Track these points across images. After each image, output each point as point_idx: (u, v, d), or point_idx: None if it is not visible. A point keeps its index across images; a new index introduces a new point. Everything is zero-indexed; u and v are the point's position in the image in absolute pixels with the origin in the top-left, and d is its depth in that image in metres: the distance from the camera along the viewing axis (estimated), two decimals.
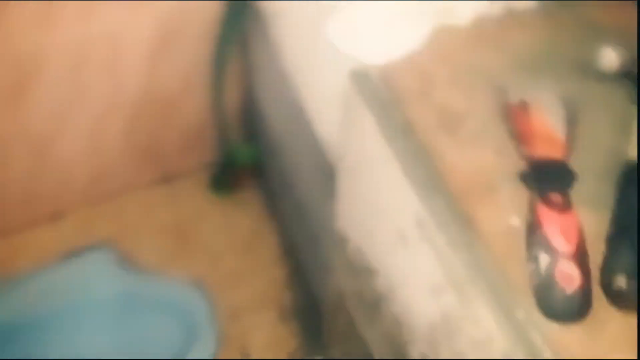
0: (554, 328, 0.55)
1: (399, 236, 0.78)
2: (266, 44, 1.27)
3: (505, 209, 0.62)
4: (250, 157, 1.72)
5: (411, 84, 0.72)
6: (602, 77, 0.66)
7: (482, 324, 0.63)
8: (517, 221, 0.60)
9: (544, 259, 0.54)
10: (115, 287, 1.56)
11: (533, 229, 0.57)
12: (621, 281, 0.53)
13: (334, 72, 0.90)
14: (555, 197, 0.57)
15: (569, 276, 0.52)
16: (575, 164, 0.60)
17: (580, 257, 0.54)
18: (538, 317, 0.56)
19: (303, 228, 1.48)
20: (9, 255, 1.61)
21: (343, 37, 0.75)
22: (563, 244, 0.54)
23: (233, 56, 1.54)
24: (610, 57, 0.68)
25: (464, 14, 0.74)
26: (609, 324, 0.55)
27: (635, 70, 0.63)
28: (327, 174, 1.09)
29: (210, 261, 1.66)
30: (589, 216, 0.57)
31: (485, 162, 0.65)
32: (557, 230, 0.55)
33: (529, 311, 0.57)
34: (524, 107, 0.65)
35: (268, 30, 1.22)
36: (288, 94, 1.21)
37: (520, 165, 0.62)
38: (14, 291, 1.54)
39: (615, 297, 0.53)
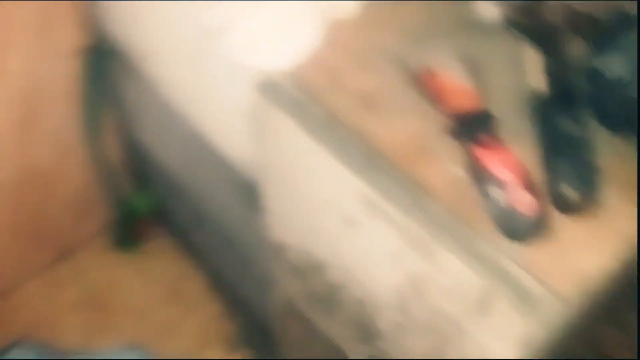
0: (519, 250, 0.61)
1: (346, 223, 0.81)
2: (143, 85, 1.25)
3: (445, 163, 0.67)
4: (148, 205, 1.68)
5: (321, 79, 0.76)
6: (487, 28, 0.74)
7: (451, 270, 0.68)
8: (459, 170, 0.66)
9: (496, 193, 0.60)
10: None
11: (477, 171, 0.63)
12: (567, 191, 0.60)
13: (231, 90, 0.92)
14: (486, 138, 0.63)
15: (525, 201, 0.58)
16: (490, 108, 0.67)
17: (528, 182, 0.60)
18: (502, 246, 0.62)
19: (228, 255, 1.47)
20: None
21: (243, 50, 0.77)
22: (509, 175, 0.60)
23: (105, 109, 1.50)
24: (490, 10, 0.76)
25: (349, 5, 0.79)
26: (566, 232, 0.62)
27: (515, 15, 0.71)
28: (245, 192, 1.10)
29: (140, 320, 1.60)
30: (518, 147, 0.64)
31: (412, 128, 0.70)
32: (499, 165, 0.61)
33: (493, 243, 0.63)
34: (430, 72, 0.71)
35: (143, 71, 1.21)
36: (181, 127, 1.20)
37: (444, 122, 0.68)
38: None
39: (565, 207, 0.60)
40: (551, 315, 0.61)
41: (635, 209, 0.63)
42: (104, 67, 1.38)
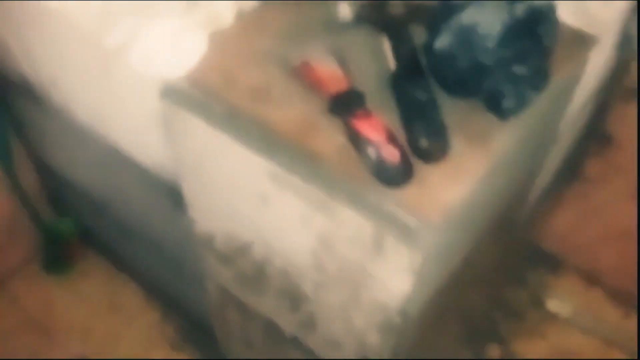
0: (395, 194, 0.76)
1: (259, 200, 0.94)
2: (52, 112, 1.32)
3: (330, 136, 0.81)
4: (71, 227, 1.74)
5: (216, 79, 0.88)
6: (346, 25, 0.89)
7: (349, 222, 0.82)
8: (341, 139, 0.80)
9: (371, 151, 0.75)
10: None
11: (355, 138, 0.77)
12: (424, 143, 0.75)
13: (138, 101, 1.02)
14: (359, 111, 0.78)
15: (392, 153, 0.73)
16: (359, 88, 0.82)
17: (393, 139, 0.75)
18: (382, 193, 0.77)
19: (158, 260, 1.55)
20: None
21: (143, 63, 0.88)
22: (378, 136, 0.75)
23: (14, 140, 1.55)
24: (345, 10, 0.91)
25: (226, 16, 0.92)
26: (428, 175, 0.78)
27: (368, 13, 0.86)
28: (166, 194, 1.20)
29: (82, 336, 1.66)
30: (384, 115, 0.80)
31: (300, 112, 0.84)
32: (371, 130, 0.76)
33: (375, 192, 0.78)
34: (307, 65, 0.85)
35: (50, 99, 1.28)
36: (96, 145, 1.28)
37: (325, 103, 0.82)
38: None
39: (424, 156, 0.76)
40: (428, 241, 0.76)
41: (481, 152, 0.80)
42: (7, 100, 1.44)
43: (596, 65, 1.10)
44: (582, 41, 0.94)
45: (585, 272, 1.87)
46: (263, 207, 0.94)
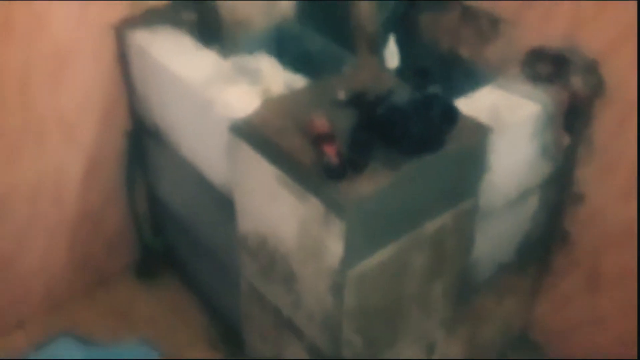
0: (336, 187, 1.33)
1: (271, 197, 1.53)
2: (165, 150, 2.01)
3: (310, 153, 1.40)
4: (162, 245, 2.36)
5: (258, 123, 1.52)
6: (342, 103, 1.51)
7: (313, 206, 1.37)
8: (315, 155, 1.40)
9: (325, 160, 1.33)
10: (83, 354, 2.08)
11: (321, 154, 1.35)
12: (354, 159, 1.32)
13: (215, 134, 1.66)
14: (328, 141, 1.37)
15: (335, 162, 1.31)
16: (335, 131, 1.43)
17: (339, 155, 1.33)
18: (329, 187, 1.34)
19: (213, 270, 2.09)
20: None
21: (223, 111, 1.56)
22: (331, 152, 1.33)
23: (138, 172, 2.23)
24: (341, 94, 1.55)
25: (275, 89, 1.59)
26: (356, 179, 1.33)
27: (353, 97, 1.50)
28: (225, 207, 1.78)
29: (150, 327, 2.22)
30: (343, 144, 1.38)
31: (299, 141, 1.45)
32: (329, 150, 1.33)
33: (328, 186, 1.35)
34: (311, 119, 1.46)
35: (166, 140, 1.98)
36: (187, 172, 1.91)
37: (312, 138, 1.44)
38: None
39: (353, 167, 1.32)
40: (351, 215, 1.31)
41: (388, 171, 1.35)
42: (140, 143, 2.15)
43: (513, 154, 1.63)
44: (480, 128, 1.50)
45: None
46: (273, 204, 1.53)
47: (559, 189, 1.91)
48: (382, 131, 1.36)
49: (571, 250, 2.02)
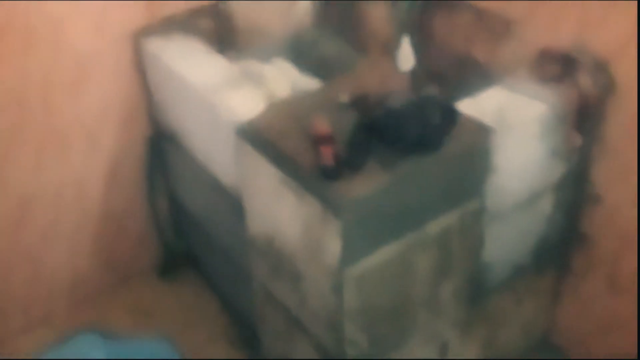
0: (333, 187, 1.35)
1: (276, 198, 1.56)
2: (183, 155, 2.07)
3: (310, 154, 1.43)
4: (182, 246, 2.43)
5: (262, 126, 1.56)
6: (344, 106, 1.54)
7: (311, 205, 1.40)
8: (313, 157, 1.43)
9: (322, 161, 1.36)
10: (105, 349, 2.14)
11: (319, 155, 1.38)
12: (350, 160, 1.35)
13: (225, 138, 1.71)
14: (327, 143, 1.40)
15: (331, 163, 1.34)
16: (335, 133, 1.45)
17: (336, 157, 1.35)
18: (326, 186, 1.36)
19: (229, 269, 2.14)
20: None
21: (230, 114, 1.60)
22: (328, 154, 1.36)
23: (159, 177, 2.29)
24: (344, 97, 1.57)
25: (280, 93, 1.62)
26: (351, 179, 1.36)
27: (356, 100, 1.52)
28: (235, 209, 1.83)
29: (168, 322, 2.28)
30: (341, 145, 1.41)
31: (301, 143, 1.48)
32: (326, 151, 1.36)
33: (323, 184, 1.37)
34: (312, 123, 1.50)
35: (183, 145, 2.04)
36: (202, 175, 1.97)
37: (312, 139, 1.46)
38: None
39: (349, 167, 1.35)
40: (348, 215, 1.33)
41: (384, 172, 1.36)
42: (159, 147, 2.21)
43: (521, 154, 1.62)
44: (481, 128, 1.50)
45: None
46: (277, 205, 1.56)
47: (575, 190, 1.89)
48: (380, 133, 1.38)
49: (590, 252, 1.98)
